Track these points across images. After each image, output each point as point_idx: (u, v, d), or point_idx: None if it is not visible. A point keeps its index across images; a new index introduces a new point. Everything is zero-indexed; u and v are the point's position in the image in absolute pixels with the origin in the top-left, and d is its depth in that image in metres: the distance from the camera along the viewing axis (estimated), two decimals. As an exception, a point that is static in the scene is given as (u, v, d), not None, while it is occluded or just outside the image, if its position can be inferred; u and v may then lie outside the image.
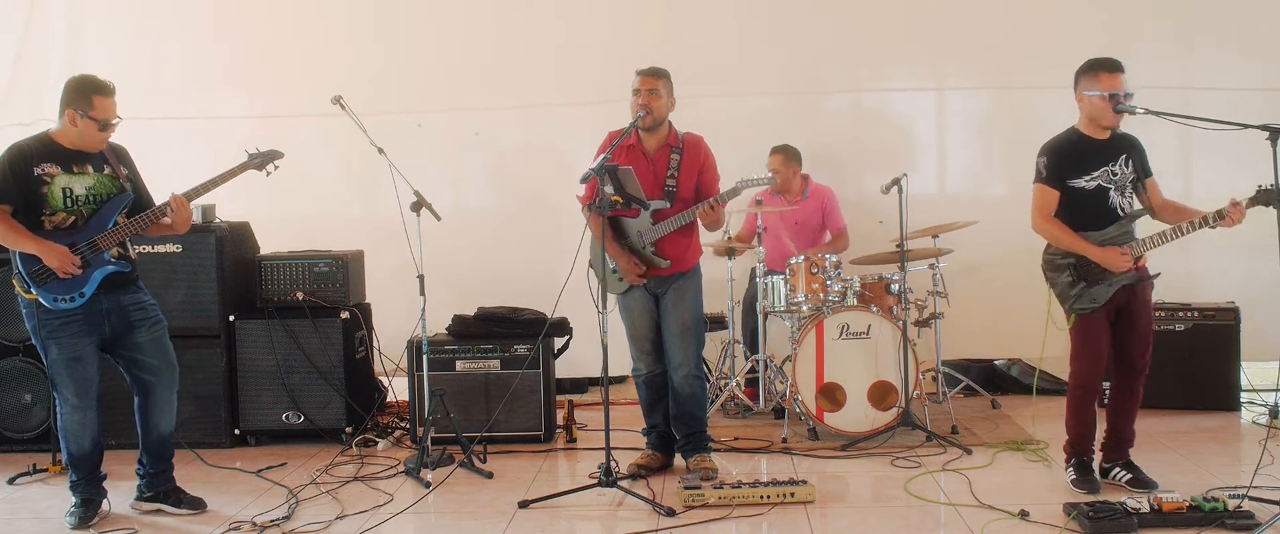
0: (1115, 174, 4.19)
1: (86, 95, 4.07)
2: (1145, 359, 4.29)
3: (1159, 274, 4.27)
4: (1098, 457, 4.41)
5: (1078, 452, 4.33)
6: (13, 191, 4.03)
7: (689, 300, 4.70)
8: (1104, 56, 4.16)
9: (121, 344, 4.24)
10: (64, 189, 4.09)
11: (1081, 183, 4.18)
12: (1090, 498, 4.06)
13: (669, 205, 4.62)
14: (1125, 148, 4.22)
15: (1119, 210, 4.19)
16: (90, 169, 4.16)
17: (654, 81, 4.59)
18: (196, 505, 4.38)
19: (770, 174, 4.55)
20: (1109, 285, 4.15)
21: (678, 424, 4.77)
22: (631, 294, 4.71)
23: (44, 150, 4.09)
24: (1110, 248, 4.12)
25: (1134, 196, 4.25)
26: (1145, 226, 4.24)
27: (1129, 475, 4.30)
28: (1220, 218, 3.95)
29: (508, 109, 6.76)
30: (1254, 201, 3.84)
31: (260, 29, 6.75)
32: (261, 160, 4.38)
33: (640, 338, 4.76)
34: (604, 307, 4.43)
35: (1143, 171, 4.26)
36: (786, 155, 6.13)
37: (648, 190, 4.59)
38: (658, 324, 4.74)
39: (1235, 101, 5.76)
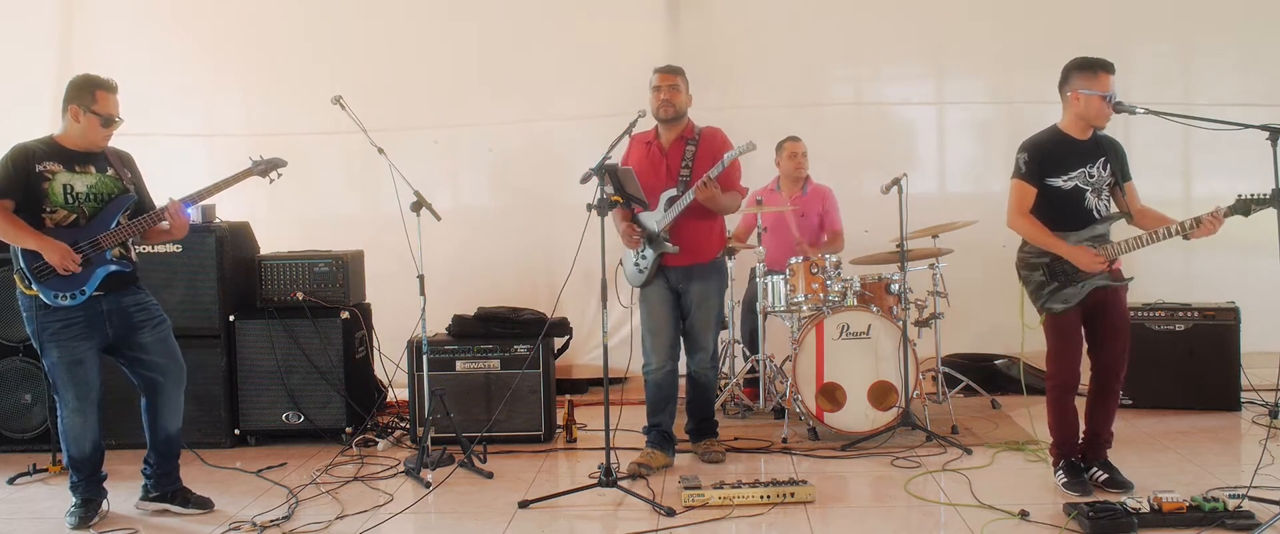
0: (1093, 176, 4.17)
1: (89, 90, 4.08)
2: (1122, 362, 4.27)
3: (1132, 278, 4.24)
4: None
5: (1064, 453, 4.33)
6: (15, 187, 4.02)
7: (713, 300, 4.87)
8: (1099, 57, 4.13)
9: (125, 345, 4.23)
10: (65, 185, 4.09)
11: (1058, 182, 4.17)
12: (1083, 499, 4.05)
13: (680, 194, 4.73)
14: (1105, 150, 4.21)
15: (1095, 212, 4.18)
16: (92, 169, 4.16)
17: (673, 78, 4.80)
18: (204, 505, 4.37)
19: (751, 141, 4.67)
20: (1081, 286, 4.14)
21: (692, 409, 4.99)
22: (651, 287, 4.78)
23: (47, 150, 4.10)
24: (1083, 247, 4.11)
25: (1111, 200, 4.24)
26: (1120, 231, 4.22)
27: (1105, 475, 4.30)
28: (1196, 225, 3.90)
29: (513, 121, 6.87)
30: (1232, 211, 3.80)
31: (273, 41, 6.83)
32: (265, 168, 4.41)
33: (658, 331, 4.82)
34: (605, 305, 4.44)
35: (1121, 175, 4.24)
36: (804, 144, 6.20)
37: (663, 181, 4.75)
38: (675, 319, 4.80)
39: (1233, 117, 5.80)
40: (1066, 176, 4.16)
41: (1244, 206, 3.76)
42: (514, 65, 6.79)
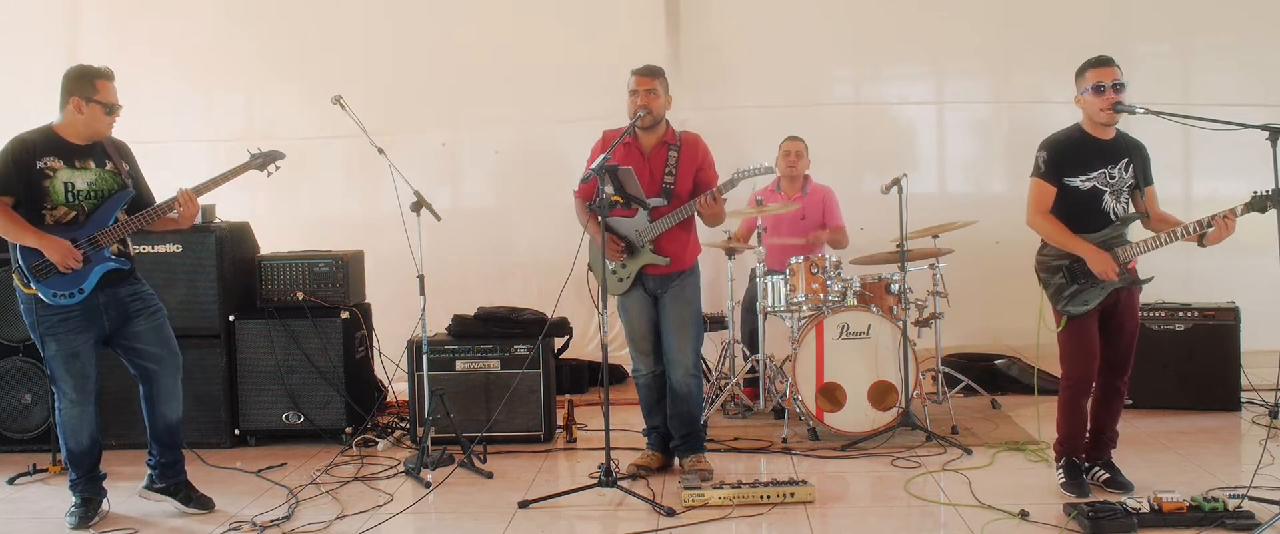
0: (1113, 177, 4.17)
1: (89, 81, 4.08)
2: (1130, 361, 4.29)
3: (1150, 278, 4.24)
4: None
5: (1068, 451, 4.33)
6: (15, 183, 4.02)
7: (687, 297, 4.70)
8: (1094, 56, 4.14)
9: (121, 335, 4.23)
10: (66, 183, 4.09)
11: (1077, 182, 4.16)
12: (1081, 500, 4.05)
13: (666, 203, 4.62)
14: (1128, 151, 4.19)
15: (1112, 214, 4.17)
16: (92, 164, 4.16)
17: (651, 81, 4.60)
18: (206, 505, 4.37)
19: (765, 164, 4.57)
20: (1102, 288, 4.13)
21: (675, 423, 4.76)
22: (630, 295, 4.71)
23: (47, 143, 4.09)
24: (1103, 252, 4.10)
25: (1130, 202, 4.22)
26: (1135, 233, 4.22)
27: (1107, 475, 4.30)
28: (1208, 226, 3.89)
29: (513, 122, 6.89)
30: (1249, 208, 3.79)
31: (274, 43, 6.85)
32: (263, 160, 4.40)
33: (639, 338, 4.76)
34: (604, 307, 4.43)
35: (1143, 179, 4.23)
36: (804, 143, 6.20)
37: (645, 188, 4.58)
38: (656, 324, 4.74)
39: (1233, 117, 5.82)
40: (1085, 176, 4.15)
41: (1260, 204, 3.75)
42: (514, 66, 6.80)
